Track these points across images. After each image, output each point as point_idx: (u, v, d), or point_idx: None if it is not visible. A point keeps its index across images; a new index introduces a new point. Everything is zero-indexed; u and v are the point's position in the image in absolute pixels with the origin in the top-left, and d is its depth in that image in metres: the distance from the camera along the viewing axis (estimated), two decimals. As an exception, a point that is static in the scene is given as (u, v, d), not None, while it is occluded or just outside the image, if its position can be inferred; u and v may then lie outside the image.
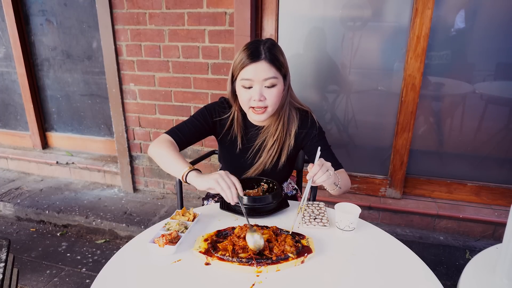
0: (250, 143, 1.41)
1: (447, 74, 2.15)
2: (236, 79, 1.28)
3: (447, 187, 2.28)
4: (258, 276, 0.92)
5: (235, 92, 1.32)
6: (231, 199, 1.08)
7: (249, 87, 1.24)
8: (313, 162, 1.22)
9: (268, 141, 1.36)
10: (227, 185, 1.07)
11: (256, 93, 1.23)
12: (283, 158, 1.38)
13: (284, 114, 1.34)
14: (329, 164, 1.11)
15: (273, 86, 1.23)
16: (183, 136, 1.34)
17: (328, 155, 1.35)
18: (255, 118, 1.30)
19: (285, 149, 1.37)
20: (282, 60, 1.26)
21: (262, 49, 1.22)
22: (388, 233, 1.14)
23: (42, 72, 3.04)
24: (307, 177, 1.09)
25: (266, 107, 1.26)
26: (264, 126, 1.39)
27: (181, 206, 1.58)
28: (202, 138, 1.42)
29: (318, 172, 1.07)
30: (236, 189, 1.09)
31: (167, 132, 1.34)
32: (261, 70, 1.21)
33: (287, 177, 1.53)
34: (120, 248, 1.06)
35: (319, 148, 1.17)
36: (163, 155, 1.25)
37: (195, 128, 1.37)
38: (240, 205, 1.10)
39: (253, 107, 1.26)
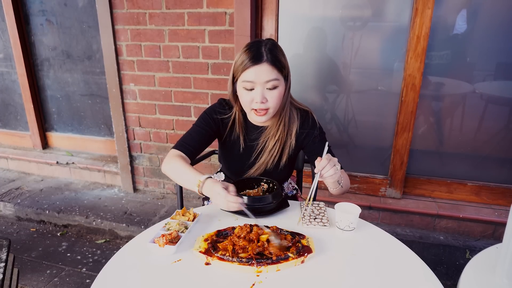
0: (252, 143, 1.40)
1: (447, 74, 2.15)
2: (237, 80, 1.27)
3: (447, 187, 2.28)
4: (258, 276, 0.92)
5: (236, 92, 1.31)
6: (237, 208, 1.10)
7: (251, 89, 1.23)
8: (313, 163, 1.23)
9: (270, 141, 1.36)
10: (227, 206, 1.10)
11: (258, 95, 1.22)
12: (284, 158, 1.38)
13: (285, 115, 1.34)
14: (336, 159, 1.14)
15: (274, 88, 1.23)
16: (190, 146, 1.34)
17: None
18: (256, 119, 1.31)
19: (286, 149, 1.38)
20: (284, 61, 1.26)
21: (264, 50, 1.21)
22: (388, 233, 1.14)
23: (42, 72, 3.04)
24: (315, 170, 1.12)
25: (267, 109, 1.26)
26: (265, 126, 1.39)
27: (181, 206, 1.58)
28: (210, 143, 1.41)
29: (326, 166, 1.09)
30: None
31: (174, 147, 1.34)
32: (263, 73, 1.20)
33: (287, 177, 1.53)
34: (120, 248, 1.06)
35: (327, 143, 1.20)
36: (176, 172, 1.26)
37: (200, 136, 1.36)
38: (246, 212, 1.11)
39: (254, 109, 1.27)
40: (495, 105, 2.14)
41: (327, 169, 1.10)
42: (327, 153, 1.17)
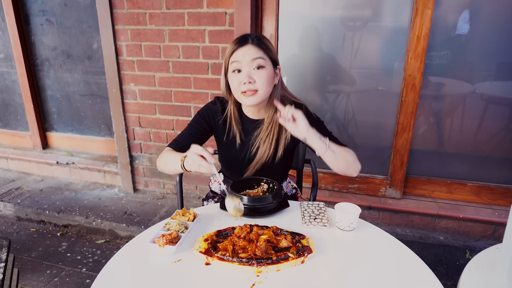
0: (248, 137, 1.41)
1: (447, 74, 2.15)
2: (228, 70, 1.31)
3: (447, 187, 2.28)
4: (258, 276, 0.92)
5: (229, 86, 1.34)
6: (209, 171, 1.12)
7: (239, 71, 1.26)
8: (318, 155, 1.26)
9: (264, 132, 1.37)
10: (197, 164, 1.11)
11: (245, 76, 1.25)
12: (280, 152, 1.38)
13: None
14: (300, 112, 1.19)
15: (261, 67, 1.26)
16: (182, 145, 1.39)
17: (331, 140, 1.36)
18: (246, 102, 1.30)
19: (282, 142, 1.37)
20: (270, 46, 1.30)
21: (249, 37, 1.28)
22: (388, 233, 1.14)
23: (42, 72, 3.04)
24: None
25: (256, 90, 1.27)
26: (260, 119, 1.40)
27: (181, 206, 1.58)
28: (203, 142, 1.44)
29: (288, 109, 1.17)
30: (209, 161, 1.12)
31: (168, 145, 1.41)
32: (248, 52, 1.25)
33: (285, 172, 1.53)
34: (120, 248, 1.06)
35: (292, 106, 1.21)
36: (165, 161, 1.33)
37: (191, 134, 1.41)
38: (215, 173, 1.13)
39: (244, 91, 1.27)
40: (495, 105, 2.14)
41: (288, 108, 1.17)
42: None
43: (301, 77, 2.33)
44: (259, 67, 1.25)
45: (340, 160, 1.26)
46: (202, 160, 1.10)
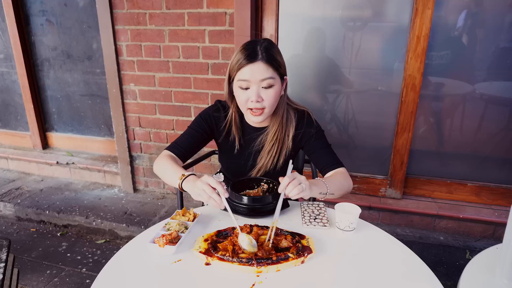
0: (248, 145, 1.40)
1: (447, 74, 2.15)
2: (233, 80, 1.26)
3: (447, 187, 2.28)
4: (258, 276, 0.92)
5: (233, 92, 1.30)
6: (219, 206, 1.05)
7: (246, 88, 1.22)
8: (313, 162, 1.20)
9: (268, 143, 1.35)
10: (208, 196, 1.05)
11: (253, 94, 1.21)
12: (281, 160, 1.38)
13: (282, 116, 1.33)
14: (302, 177, 1.06)
15: (270, 86, 1.22)
16: (182, 148, 1.36)
17: (327, 154, 1.36)
18: (252, 119, 1.29)
19: (284, 151, 1.37)
20: (280, 60, 1.24)
21: (259, 49, 1.20)
22: (388, 233, 1.14)
23: (42, 72, 3.04)
24: (279, 190, 1.05)
25: (263, 108, 1.25)
26: (263, 128, 1.38)
27: (181, 206, 1.57)
28: (203, 145, 1.42)
29: (289, 185, 1.03)
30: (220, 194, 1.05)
31: (167, 148, 1.36)
32: (258, 71, 1.19)
33: (285, 175, 1.53)
34: (120, 248, 1.06)
35: (290, 161, 1.13)
36: (162, 170, 1.28)
37: (193, 138, 1.38)
38: (228, 210, 1.06)
39: (250, 109, 1.25)
40: (495, 105, 2.14)
41: (290, 189, 1.03)
42: (320, 155, 1.13)
43: (301, 77, 2.33)
44: (268, 87, 1.21)
45: (339, 194, 1.25)
46: (214, 193, 1.04)
